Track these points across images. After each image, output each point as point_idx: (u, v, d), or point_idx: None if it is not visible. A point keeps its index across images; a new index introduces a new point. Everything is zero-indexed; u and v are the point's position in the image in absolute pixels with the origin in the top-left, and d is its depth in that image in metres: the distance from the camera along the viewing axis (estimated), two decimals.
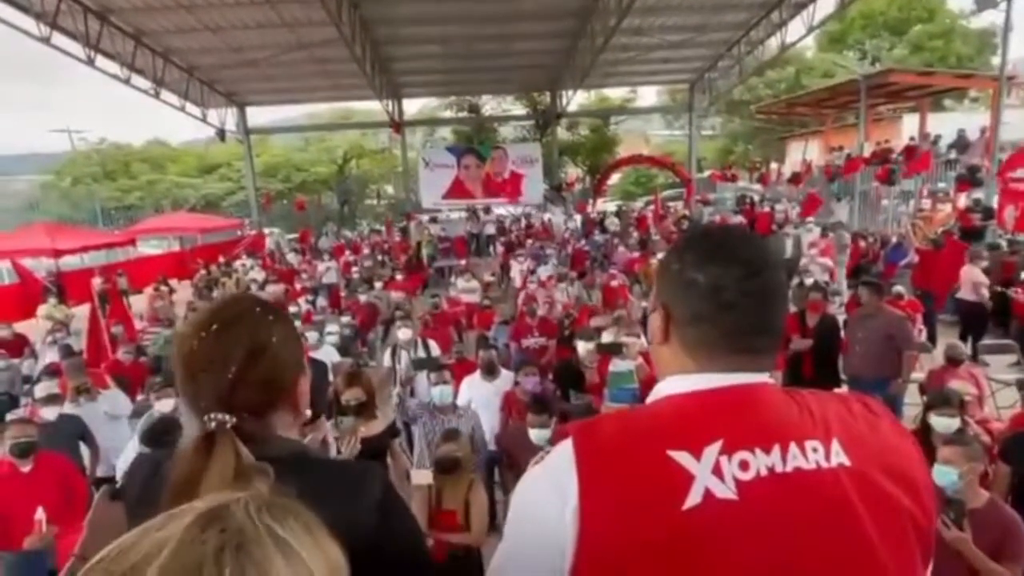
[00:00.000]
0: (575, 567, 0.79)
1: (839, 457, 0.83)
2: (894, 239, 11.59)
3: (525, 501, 0.89)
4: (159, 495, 0.78)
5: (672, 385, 0.91)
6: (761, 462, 0.81)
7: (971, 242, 10.63)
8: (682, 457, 0.80)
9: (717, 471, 0.79)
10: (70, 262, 15.15)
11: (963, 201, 13.37)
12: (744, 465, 0.80)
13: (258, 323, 0.99)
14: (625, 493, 0.79)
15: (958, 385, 4.64)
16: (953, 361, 5.10)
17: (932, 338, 7.34)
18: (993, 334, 8.37)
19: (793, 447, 0.82)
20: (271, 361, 0.97)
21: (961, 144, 16.30)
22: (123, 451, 4.70)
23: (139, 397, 5.77)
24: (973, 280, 8.02)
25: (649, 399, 0.95)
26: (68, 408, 4.64)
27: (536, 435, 3.61)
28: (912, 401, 5.21)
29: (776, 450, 0.81)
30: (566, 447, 0.86)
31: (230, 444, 0.85)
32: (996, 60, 22.18)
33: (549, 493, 0.83)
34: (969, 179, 13.33)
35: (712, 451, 0.80)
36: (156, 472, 0.98)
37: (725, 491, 0.79)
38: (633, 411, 0.97)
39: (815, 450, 0.82)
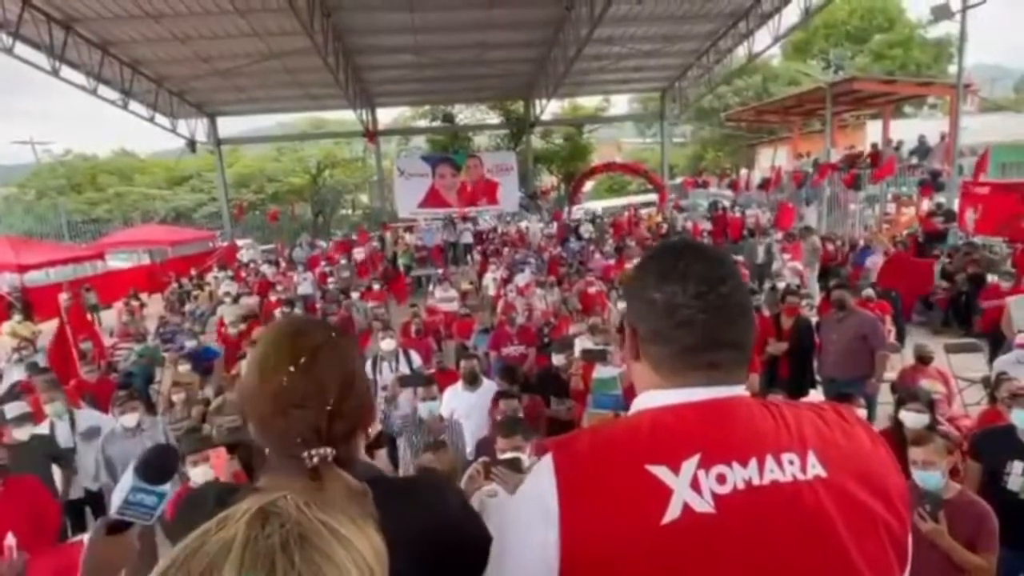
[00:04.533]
0: None
1: (815, 469, 0.83)
2: (862, 242, 11.91)
3: (510, 522, 0.90)
4: None
5: (648, 399, 0.92)
6: (738, 475, 0.81)
7: (935, 245, 11.02)
8: (660, 471, 0.81)
9: (695, 485, 0.80)
10: (35, 277, 14.73)
11: (926, 205, 13.79)
12: (721, 479, 0.80)
13: (345, 352, 0.97)
14: (605, 508, 0.80)
15: (927, 384, 4.80)
16: (922, 360, 5.25)
17: (901, 338, 7.53)
18: (955, 333, 8.64)
19: (770, 460, 0.83)
20: (359, 389, 0.97)
21: (922, 150, 16.82)
22: (88, 472, 4.57)
23: (109, 415, 5.62)
24: None
25: (630, 411, 0.95)
26: (41, 428, 4.51)
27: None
28: (885, 400, 5.34)
29: (753, 463, 0.82)
30: (546, 464, 0.86)
31: (339, 476, 0.85)
32: (952, 68, 23.01)
33: (533, 513, 0.84)
34: (932, 183, 13.76)
35: (690, 465, 0.81)
36: (226, 503, 0.97)
37: (703, 505, 0.79)
38: (611, 425, 0.96)
39: (791, 462, 0.83)
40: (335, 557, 0.53)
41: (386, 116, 30.14)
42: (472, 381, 5.02)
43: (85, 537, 3.50)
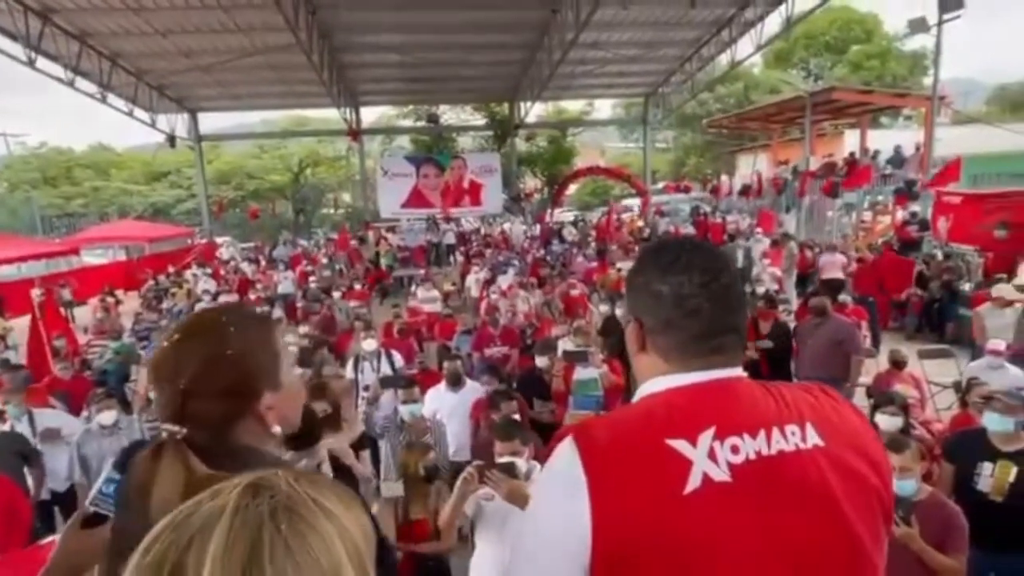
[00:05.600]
0: (593, 559, 0.84)
1: (814, 439, 0.91)
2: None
3: (540, 501, 0.94)
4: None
5: (654, 385, 0.97)
6: (749, 446, 0.88)
7: (909, 252, 11.25)
8: (680, 445, 0.86)
9: (712, 456, 0.86)
10: (6, 272, 14.40)
11: (901, 214, 14.08)
12: (735, 449, 0.87)
13: (216, 333, 0.95)
14: (631, 481, 0.85)
15: (901, 388, 4.90)
16: (897, 365, 5.37)
17: (876, 343, 7.69)
18: (927, 339, 8.84)
19: (775, 432, 0.90)
20: (229, 372, 0.93)
21: (897, 159, 17.20)
22: (55, 474, 4.45)
23: (84, 413, 5.50)
24: None
25: (635, 399, 1.00)
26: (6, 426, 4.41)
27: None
28: (859, 404, 5.44)
29: (761, 435, 0.89)
30: (568, 445, 0.90)
31: (178, 456, 0.84)
32: (927, 80, 23.57)
33: (563, 490, 0.88)
34: (907, 192, 14.05)
35: (706, 437, 0.87)
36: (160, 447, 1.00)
37: (720, 474, 0.85)
38: (624, 409, 1.02)
39: (794, 434, 0.90)
40: (321, 529, 0.55)
41: (370, 115, 29.95)
42: (455, 382, 5.01)
43: (57, 537, 3.43)
